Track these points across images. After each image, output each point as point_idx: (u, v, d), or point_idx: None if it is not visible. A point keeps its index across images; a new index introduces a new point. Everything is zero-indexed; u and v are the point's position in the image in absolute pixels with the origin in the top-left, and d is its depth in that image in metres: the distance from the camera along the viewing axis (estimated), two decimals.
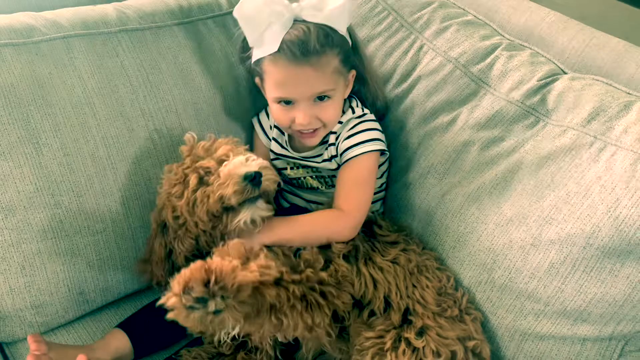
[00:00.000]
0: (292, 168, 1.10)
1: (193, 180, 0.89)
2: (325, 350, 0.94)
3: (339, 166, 1.03)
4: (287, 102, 0.98)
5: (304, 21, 0.94)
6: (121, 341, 0.95)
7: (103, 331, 1.00)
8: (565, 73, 1.02)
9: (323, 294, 0.86)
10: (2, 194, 0.91)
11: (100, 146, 0.98)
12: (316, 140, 1.02)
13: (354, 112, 1.04)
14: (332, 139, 1.03)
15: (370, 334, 0.88)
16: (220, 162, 0.90)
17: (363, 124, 1.02)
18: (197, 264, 0.74)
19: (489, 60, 1.04)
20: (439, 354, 0.86)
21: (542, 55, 1.05)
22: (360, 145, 1.00)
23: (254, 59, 0.97)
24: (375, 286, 0.92)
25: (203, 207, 0.87)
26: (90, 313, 1.04)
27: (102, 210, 0.98)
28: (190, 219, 0.89)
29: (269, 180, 0.90)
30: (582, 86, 0.96)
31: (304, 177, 1.10)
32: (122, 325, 0.97)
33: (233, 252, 0.81)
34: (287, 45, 0.92)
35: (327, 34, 0.94)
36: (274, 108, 1.00)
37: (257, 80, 1.03)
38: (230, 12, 1.15)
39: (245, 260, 0.81)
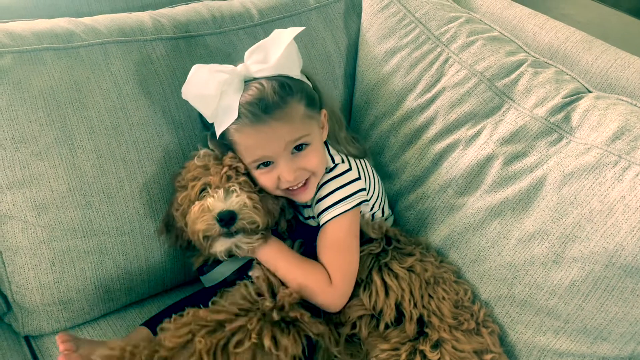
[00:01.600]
0: None
1: (185, 204, 0.92)
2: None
3: (319, 225, 0.97)
4: (266, 164, 0.92)
5: (255, 79, 0.90)
6: (146, 337, 0.96)
7: (127, 329, 1.02)
8: (590, 92, 1.03)
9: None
10: (36, 192, 0.94)
11: (131, 150, 1.01)
12: (310, 193, 0.95)
13: (325, 167, 0.97)
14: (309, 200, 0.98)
15: (385, 346, 0.89)
16: (202, 189, 0.91)
17: (334, 181, 0.96)
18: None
19: (514, 75, 1.05)
20: None
21: (567, 74, 1.06)
22: (332, 208, 0.94)
23: (218, 134, 0.92)
24: (387, 293, 0.92)
25: (187, 231, 0.92)
26: (115, 311, 1.06)
27: (131, 212, 1.01)
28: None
29: (247, 221, 0.88)
30: (607, 105, 0.96)
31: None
32: (147, 324, 0.99)
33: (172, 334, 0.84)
34: (245, 108, 0.87)
35: (282, 84, 0.89)
36: (256, 175, 0.93)
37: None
38: (261, 24, 1.18)
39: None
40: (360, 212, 1.01)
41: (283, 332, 0.85)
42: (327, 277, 0.92)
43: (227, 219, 0.86)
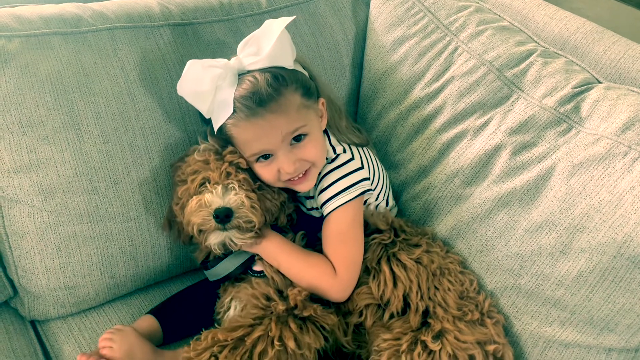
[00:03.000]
0: None
1: (185, 198, 0.92)
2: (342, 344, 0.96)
3: (323, 216, 0.97)
4: (265, 157, 0.91)
5: (249, 71, 0.90)
6: (152, 325, 0.97)
7: (133, 315, 1.03)
8: (600, 82, 1.02)
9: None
10: (43, 177, 0.95)
11: (138, 136, 1.01)
12: (310, 183, 0.95)
13: (326, 157, 0.97)
14: (311, 191, 0.98)
15: (387, 335, 0.89)
16: (202, 183, 0.91)
17: (336, 171, 0.96)
18: None
19: (523, 65, 1.04)
20: (455, 358, 0.86)
21: (577, 64, 1.05)
22: (335, 199, 0.94)
23: (215, 129, 0.92)
24: (395, 284, 0.92)
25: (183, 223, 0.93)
26: (120, 297, 1.06)
27: (137, 198, 1.01)
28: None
29: (242, 220, 0.88)
30: (617, 96, 0.95)
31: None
32: (153, 312, 1.00)
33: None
34: (240, 102, 0.87)
35: (275, 75, 0.88)
36: (256, 168, 0.93)
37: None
38: (269, 11, 1.17)
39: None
40: (365, 201, 1.00)
41: (302, 331, 0.86)
42: (331, 268, 0.92)
43: (222, 216, 0.87)
